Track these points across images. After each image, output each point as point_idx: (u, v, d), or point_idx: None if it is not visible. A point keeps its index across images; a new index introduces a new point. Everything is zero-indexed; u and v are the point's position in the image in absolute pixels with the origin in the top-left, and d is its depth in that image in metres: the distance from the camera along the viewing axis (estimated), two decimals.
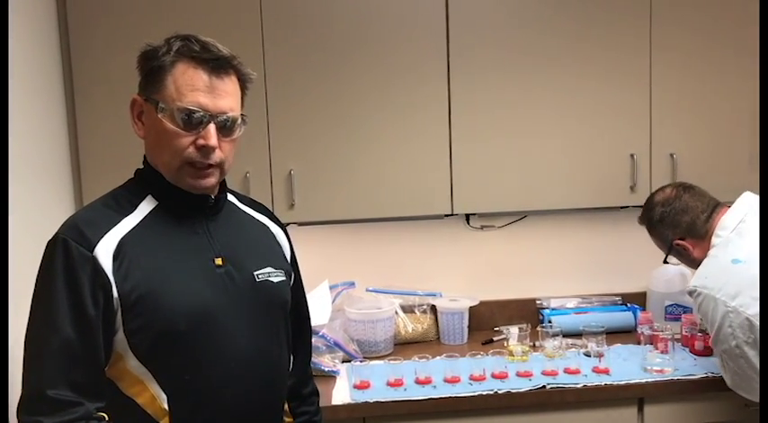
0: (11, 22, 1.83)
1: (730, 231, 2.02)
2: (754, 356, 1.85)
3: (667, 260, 2.24)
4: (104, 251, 1.26)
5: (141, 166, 1.41)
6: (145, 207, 1.35)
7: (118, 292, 1.25)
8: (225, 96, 1.32)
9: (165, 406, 1.29)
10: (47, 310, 1.24)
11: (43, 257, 1.28)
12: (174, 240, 1.35)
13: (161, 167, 1.35)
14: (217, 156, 1.33)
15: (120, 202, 1.35)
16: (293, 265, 1.57)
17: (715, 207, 2.12)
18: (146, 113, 1.34)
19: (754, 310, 1.83)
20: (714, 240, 2.05)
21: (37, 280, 1.28)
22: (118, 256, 1.27)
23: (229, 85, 1.33)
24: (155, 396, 1.29)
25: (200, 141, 1.30)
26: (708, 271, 1.99)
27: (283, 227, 1.58)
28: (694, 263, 2.11)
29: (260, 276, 1.41)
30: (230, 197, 1.49)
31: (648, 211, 2.22)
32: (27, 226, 1.82)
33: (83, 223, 1.29)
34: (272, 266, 1.45)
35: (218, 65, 1.31)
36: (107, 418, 1.25)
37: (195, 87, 1.29)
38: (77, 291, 1.23)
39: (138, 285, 1.27)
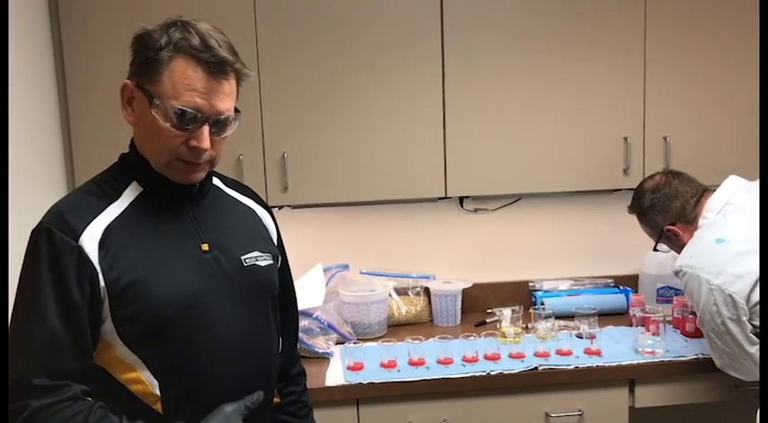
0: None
1: (716, 213, 2.06)
2: (738, 333, 1.89)
3: (657, 248, 2.26)
4: (90, 240, 1.24)
5: (127, 150, 1.38)
6: (129, 194, 1.33)
7: (105, 280, 1.24)
8: (222, 99, 1.28)
9: (157, 392, 1.29)
10: (32, 299, 1.23)
11: (27, 246, 1.26)
12: (160, 227, 1.33)
13: (150, 158, 1.32)
14: (207, 155, 1.31)
15: (105, 188, 1.33)
16: (280, 248, 1.56)
17: (703, 192, 2.15)
18: (137, 101, 1.30)
19: (736, 287, 1.87)
20: (701, 222, 2.09)
21: (22, 269, 1.26)
22: (104, 244, 1.25)
23: (226, 87, 1.29)
24: (146, 382, 1.29)
25: (193, 143, 1.27)
26: (692, 251, 2.02)
27: (269, 209, 1.56)
28: (682, 249, 2.13)
29: (247, 261, 1.41)
30: (215, 181, 1.48)
31: (639, 199, 2.24)
32: (19, 219, 1.80)
33: (66, 211, 1.27)
34: (258, 250, 1.44)
35: (218, 68, 1.27)
36: (94, 400, 1.25)
37: (192, 87, 1.25)
38: (63, 280, 1.22)
39: (125, 274, 1.26)
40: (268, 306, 1.46)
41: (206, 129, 1.28)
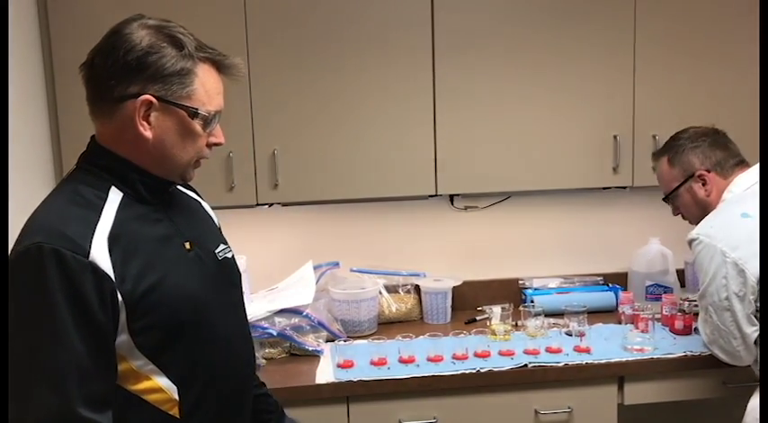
0: None
1: (744, 189, 2.04)
2: (740, 311, 1.88)
3: (669, 198, 2.20)
4: (99, 254, 1.19)
5: (88, 155, 1.35)
6: (113, 199, 1.28)
7: (120, 293, 1.20)
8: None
9: (176, 396, 1.29)
10: (48, 326, 1.16)
11: (23, 270, 1.17)
12: (150, 231, 1.31)
13: (172, 165, 1.31)
14: None
15: (88, 197, 1.27)
16: None
17: (742, 161, 2.12)
18: (160, 114, 1.26)
19: (752, 264, 1.86)
20: (725, 195, 2.07)
21: (20, 296, 1.17)
22: (111, 256, 1.21)
23: None
24: (164, 389, 1.28)
25: (213, 140, 1.35)
26: (714, 221, 2.00)
27: (204, 200, 1.59)
28: (698, 206, 2.11)
29: (220, 255, 1.43)
30: None
31: (676, 139, 2.17)
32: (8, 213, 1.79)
33: (65, 228, 1.19)
34: (222, 243, 1.47)
35: (229, 66, 1.33)
36: None
37: (218, 91, 1.32)
38: (82, 303, 1.16)
39: (138, 283, 1.23)
40: (241, 295, 1.51)
41: (218, 125, 1.36)
